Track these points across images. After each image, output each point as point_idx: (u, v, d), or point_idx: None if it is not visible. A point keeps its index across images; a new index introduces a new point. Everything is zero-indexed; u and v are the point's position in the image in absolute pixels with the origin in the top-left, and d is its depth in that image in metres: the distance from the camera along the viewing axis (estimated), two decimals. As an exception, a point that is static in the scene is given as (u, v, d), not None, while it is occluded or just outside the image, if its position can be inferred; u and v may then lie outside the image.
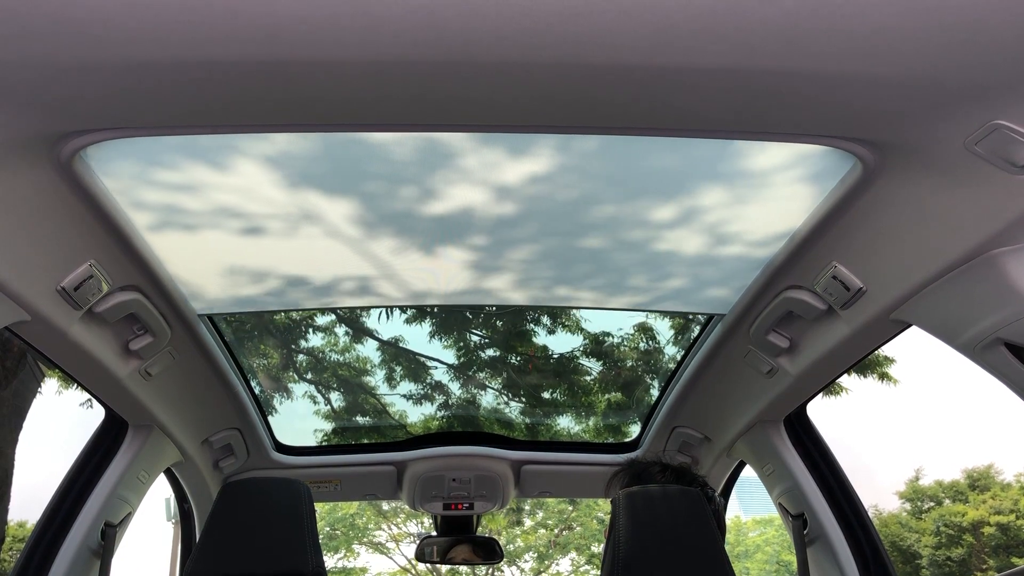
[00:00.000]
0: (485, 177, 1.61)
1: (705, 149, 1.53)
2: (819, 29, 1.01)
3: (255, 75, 1.10)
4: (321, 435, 3.77)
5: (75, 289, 1.60)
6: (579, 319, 4.01)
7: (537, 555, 19.92)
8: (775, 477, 2.45)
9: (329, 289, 2.12)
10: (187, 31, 1.00)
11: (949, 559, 20.93)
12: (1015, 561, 19.07)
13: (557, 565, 20.08)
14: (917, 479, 23.38)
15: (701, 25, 1.01)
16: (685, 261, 1.97)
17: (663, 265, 2.01)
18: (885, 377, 11.80)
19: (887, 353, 11.62)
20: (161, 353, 2.01)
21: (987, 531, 20.64)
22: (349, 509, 18.79)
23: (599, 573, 1.72)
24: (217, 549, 1.70)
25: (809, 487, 2.32)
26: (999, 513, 20.68)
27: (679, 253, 1.93)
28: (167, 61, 1.06)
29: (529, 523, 19.70)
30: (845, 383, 11.40)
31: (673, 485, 1.83)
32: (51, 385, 8.62)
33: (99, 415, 2.26)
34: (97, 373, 1.90)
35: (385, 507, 18.72)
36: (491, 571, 16.42)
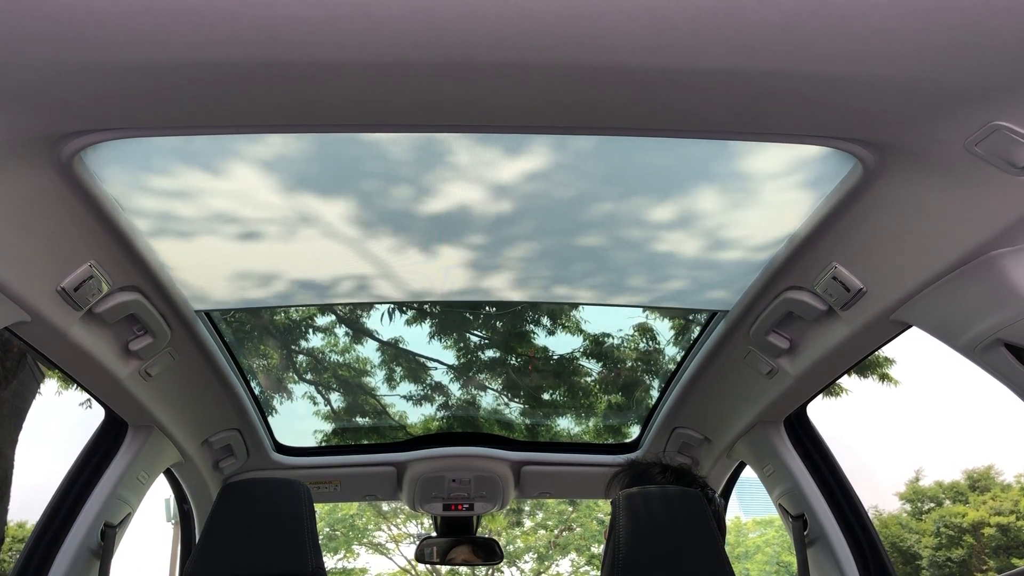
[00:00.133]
0: (481, 175, 1.61)
1: (702, 149, 1.53)
2: (819, 30, 1.01)
3: (255, 76, 1.10)
4: (321, 436, 3.77)
5: (75, 290, 1.60)
6: (579, 320, 4.01)
7: (537, 556, 19.91)
8: (775, 478, 2.45)
9: (329, 288, 2.12)
10: (187, 32, 1.00)
11: (949, 560, 20.92)
12: (1015, 562, 19.05)
13: (557, 566, 20.08)
14: (917, 480, 23.36)
15: (701, 26, 1.01)
16: (684, 261, 1.97)
17: (662, 265, 2.01)
18: (885, 378, 11.80)
19: (887, 354, 11.61)
20: (161, 354, 2.01)
21: (987, 532, 20.62)
22: (349, 510, 18.79)
23: (599, 574, 1.72)
24: (217, 550, 1.70)
25: (809, 488, 2.32)
26: (999, 514, 20.66)
27: (678, 253, 1.93)
28: (167, 62, 1.06)
29: (529, 524, 19.70)
30: (845, 383, 11.38)
31: (673, 486, 1.83)
32: (51, 386, 8.61)
33: (98, 415, 2.26)
34: (97, 374, 1.90)
35: (385, 508, 18.72)
36: (491, 572, 16.41)
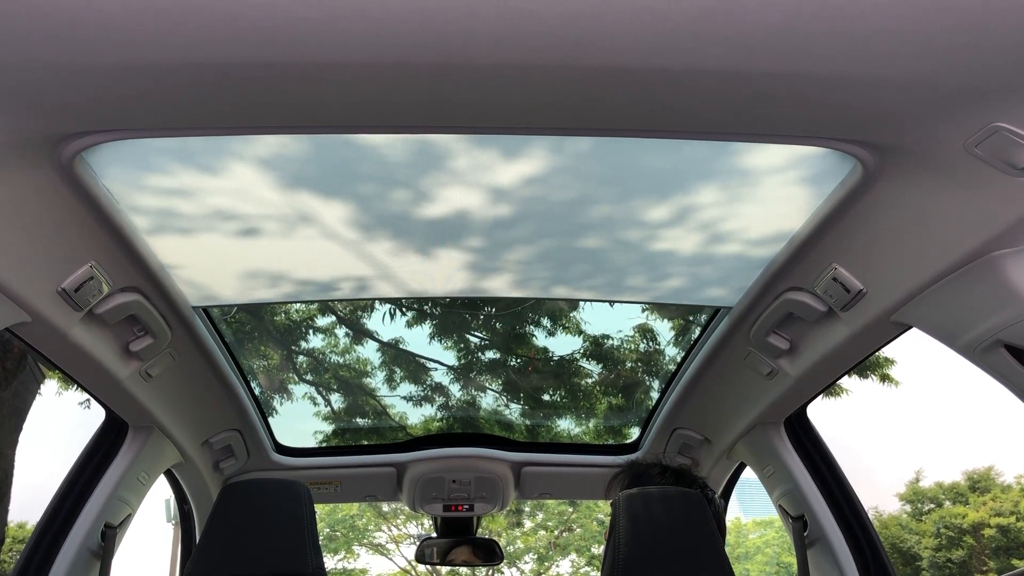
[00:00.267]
0: (479, 179, 1.61)
1: (700, 147, 1.52)
2: (819, 31, 1.01)
3: (256, 77, 1.10)
4: (321, 436, 3.77)
5: (76, 290, 1.60)
6: (579, 321, 4.02)
7: (537, 556, 19.90)
8: (775, 479, 2.45)
9: (329, 287, 2.13)
10: (187, 34, 1.00)
11: (949, 561, 20.91)
12: (1015, 563, 19.04)
13: (557, 567, 20.07)
14: (917, 481, 23.36)
15: (701, 27, 1.01)
16: (684, 262, 1.97)
17: (662, 266, 2.01)
18: (886, 379, 11.79)
19: (888, 354, 11.61)
20: (161, 354, 2.01)
21: (987, 533, 20.61)
22: (349, 510, 18.79)
23: (599, 575, 1.72)
24: (217, 550, 1.70)
25: (809, 489, 2.32)
26: (999, 515, 20.66)
27: (678, 254, 1.93)
28: (167, 63, 1.06)
29: (529, 524, 19.70)
30: (845, 384, 11.38)
31: (673, 487, 1.83)
32: (51, 386, 8.61)
33: (98, 415, 2.26)
34: (97, 374, 1.90)
35: (385, 508, 18.72)
36: (491, 572, 16.41)
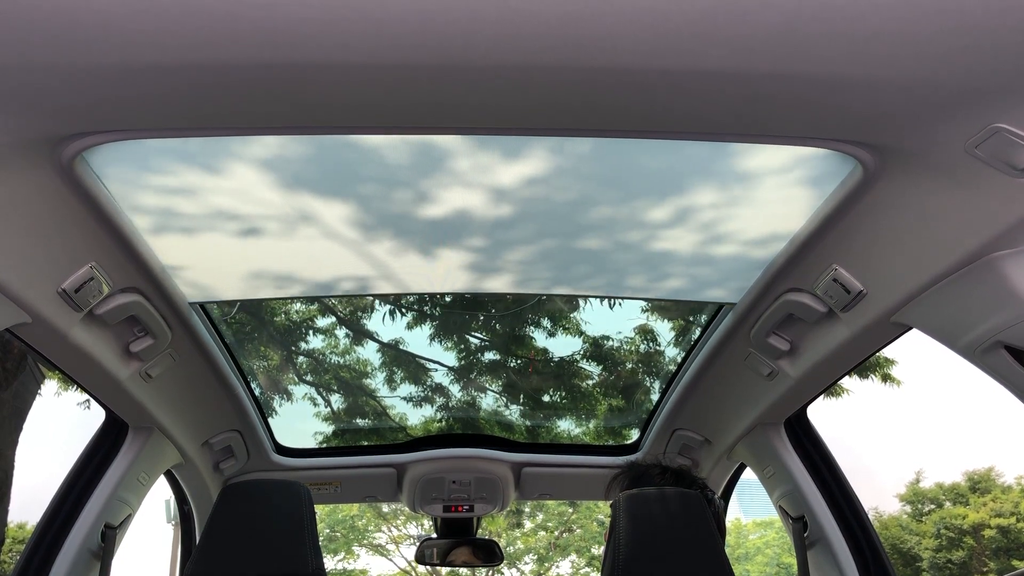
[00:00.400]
0: (480, 180, 1.62)
1: (700, 148, 1.52)
2: (819, 32, 1.01)
3: (256, 78, 1.10)
4: (321, 437, 3.78)
5: (76, 291, 1.60)
6: (579, 322, 4.02)
7: (537, 557, 19.90)
8: (775, 479, 2.45)
9: (329, 286, 2.13)
10: (188, 34, 1.00)
11: (950, 562, 20.91)
12: (1015, 564, 19.04)
13: (557, 567, 20.07)
14: (918, 481, 23.36)
15: (701, 28, 1.01)
16: (684, 263, 1.97)
17: (662, 267, 2.01)
18: (887, 379, 11.79)
19: (889, 355, 11.60)
20: (161, 355, 2.01)
21: (988, 534, 20.61)
22: (349, 511, 18.78)
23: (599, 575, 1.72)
24: (217, 551, 1.70)
25: (809, 490, 2.32)
26: (1000, 516, 20.65)
27: (678, 255, 1.93)
28: (168, 64, 1.06)
29: (529, 525, 19.70)
30: (846, 384, 11.37)
31: (673, 488, 1.83)
32: (51, 387, 8.61)
33: (98, 415, 2.26)
34: (98, 375, 1.90)
35: (385, 509, 18.72)
36: (491, 573, 16.40)
